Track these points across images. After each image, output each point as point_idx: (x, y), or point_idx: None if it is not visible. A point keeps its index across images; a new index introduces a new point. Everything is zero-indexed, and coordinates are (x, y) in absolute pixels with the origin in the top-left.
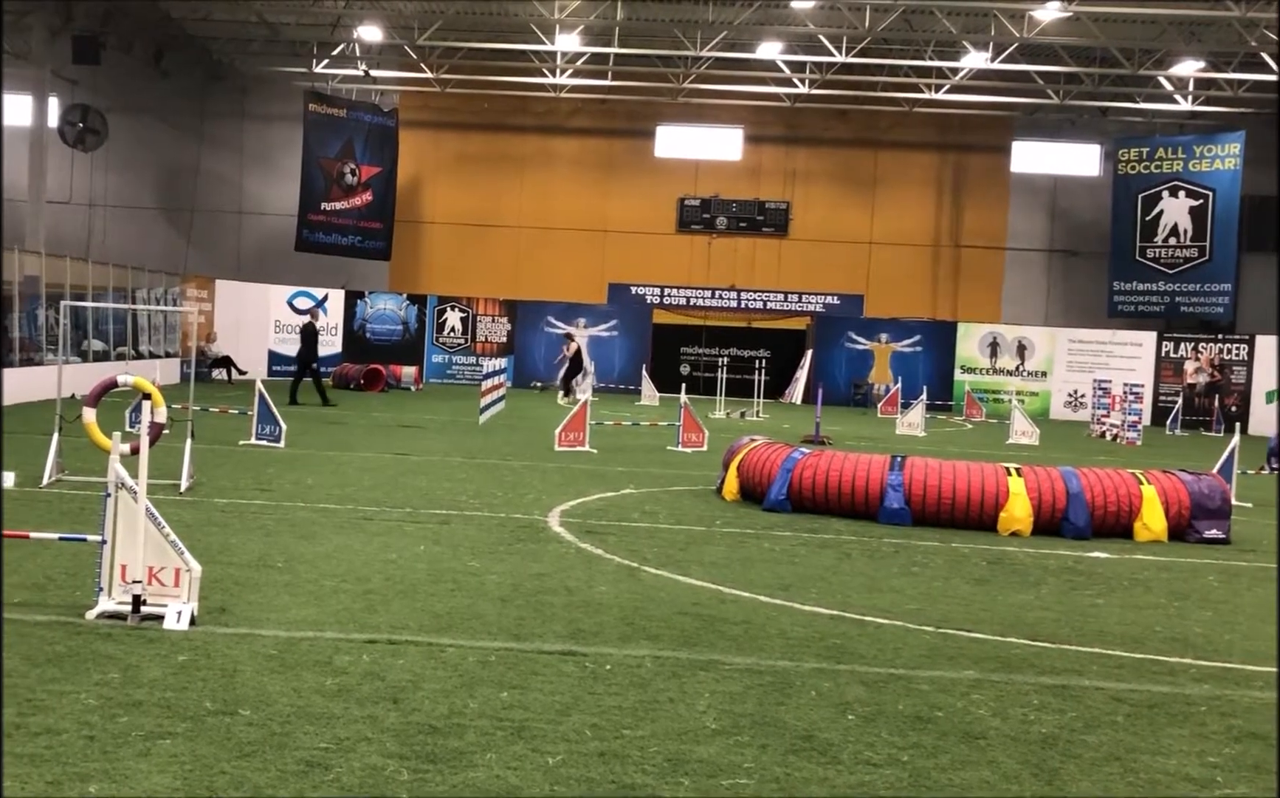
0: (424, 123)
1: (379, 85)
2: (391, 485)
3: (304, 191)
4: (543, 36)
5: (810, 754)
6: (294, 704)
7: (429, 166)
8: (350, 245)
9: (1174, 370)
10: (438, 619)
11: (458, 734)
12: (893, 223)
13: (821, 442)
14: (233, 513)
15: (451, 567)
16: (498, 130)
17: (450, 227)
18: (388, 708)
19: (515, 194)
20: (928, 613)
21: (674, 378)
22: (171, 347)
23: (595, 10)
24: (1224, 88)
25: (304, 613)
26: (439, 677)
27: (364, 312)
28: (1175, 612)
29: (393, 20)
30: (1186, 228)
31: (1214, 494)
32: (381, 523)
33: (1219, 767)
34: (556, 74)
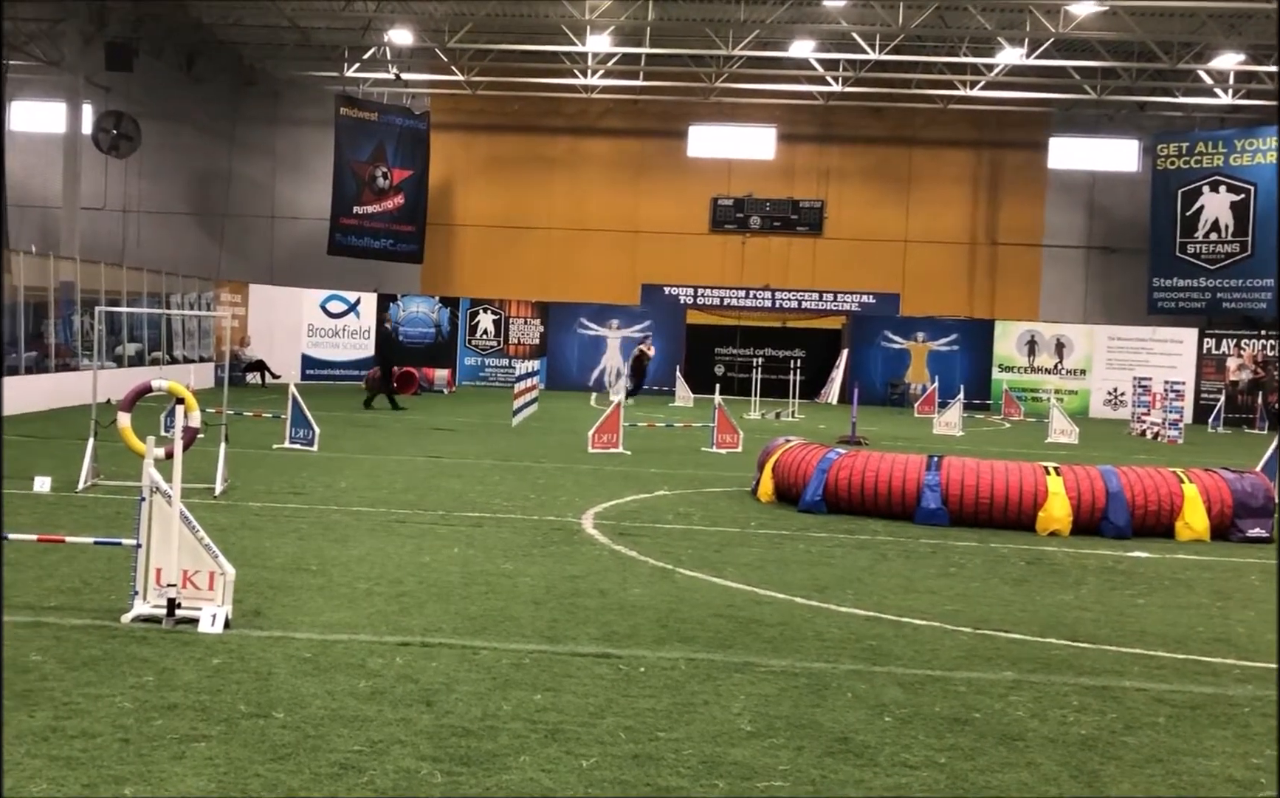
0: (455, 125)
1: (410, 88)
2: (424, 488)
3: (336, 195)
4: (573, 37)
5: (846, 757)
6: (327, 707)
7: (460, 169)
8: (382, 249)
9: (1216, 367)
10: (471, 622)
11: (491, 737)
12: (928, 221)
13: (857, 442)
14: (267, 516)
15: (485, 569)
16: (529, 132)
17: (482, 229)
18: (421, 710)
19: (547, 196)
20: (965, 614)
21: (708, 379)
22: (205, 351)
23: (626, 10)
24: (1264, 81)
25: (337, 616)
26: (472, 679)
27: (396, 315)
28: (1218, 612)
29: (423, 23)
30: (1228, 223)
31: (1257, 492)
32: (414, 526)
33: (1263, 769)
34: (588, 75)
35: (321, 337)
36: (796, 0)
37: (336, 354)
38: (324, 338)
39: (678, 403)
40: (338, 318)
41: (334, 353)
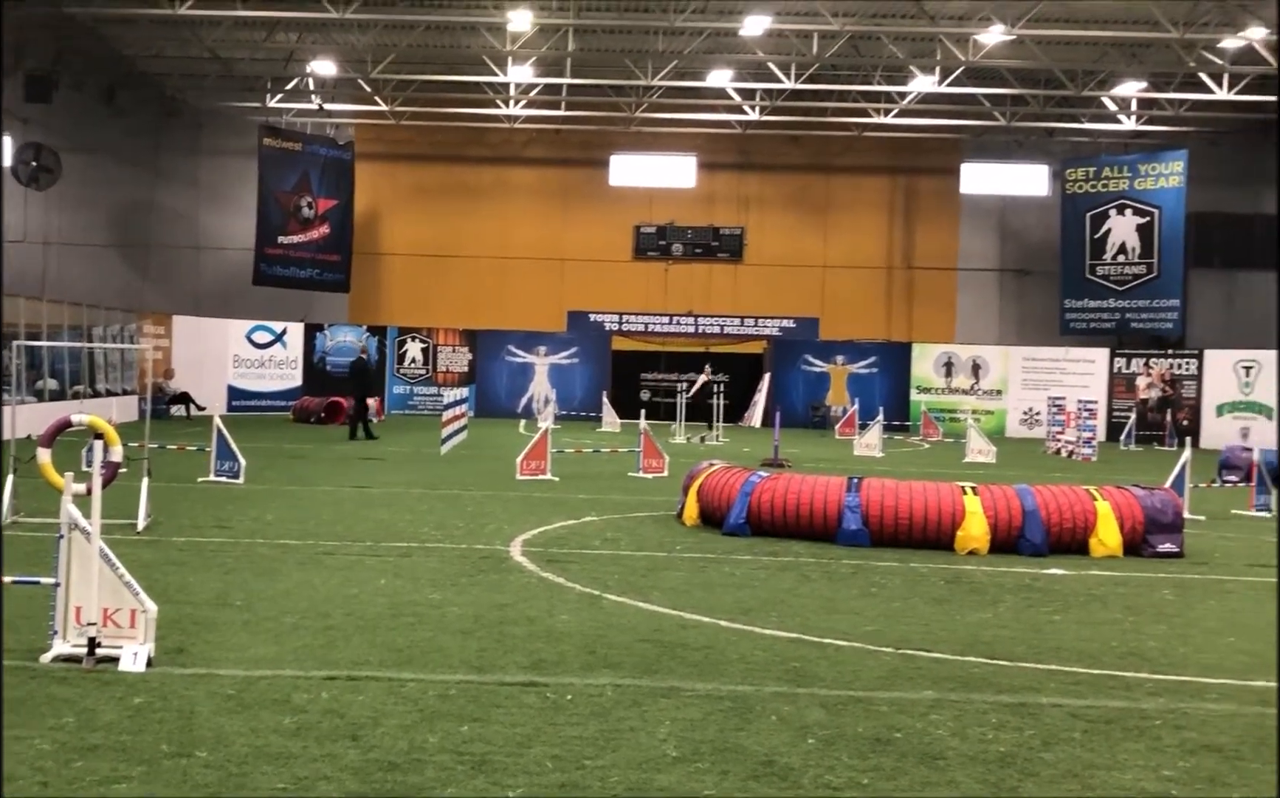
0: (380, 155)
1: (333, 119)
2: (352, 519)
3: (260, 226)
4: (495, 68)
5: (771, 780)
6: (251, 745)
7: (386, 198)
8: (309, 278)
9: (1126, 386)
10: (398, 654)
11: (418, 770)
12: (846, 246)
13: (780, 465)
14: (191, 551)
15: (413, 600)
16: (454, 161)
17: (409, 258)
18: (347, 745)
19: (473, 224)
20: (887, 634)
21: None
22: (129, 384)
23: (547, 41)
24: (1165, 107)
25: (263, 651)
26: (399, 712)
27: (324, 344)
28: (1131, 626)
29: (346, 54)
30: (1134, 245)
31: (1167, 509)
32: (342, 558)
33: (1174, 780)
34: (510, 105)
35: (248, 367)
36: (714, 31)
37: (263, 385)
38: (250, 369)
39: (605, 428)
40: (264, 348)
41: (260, 384)
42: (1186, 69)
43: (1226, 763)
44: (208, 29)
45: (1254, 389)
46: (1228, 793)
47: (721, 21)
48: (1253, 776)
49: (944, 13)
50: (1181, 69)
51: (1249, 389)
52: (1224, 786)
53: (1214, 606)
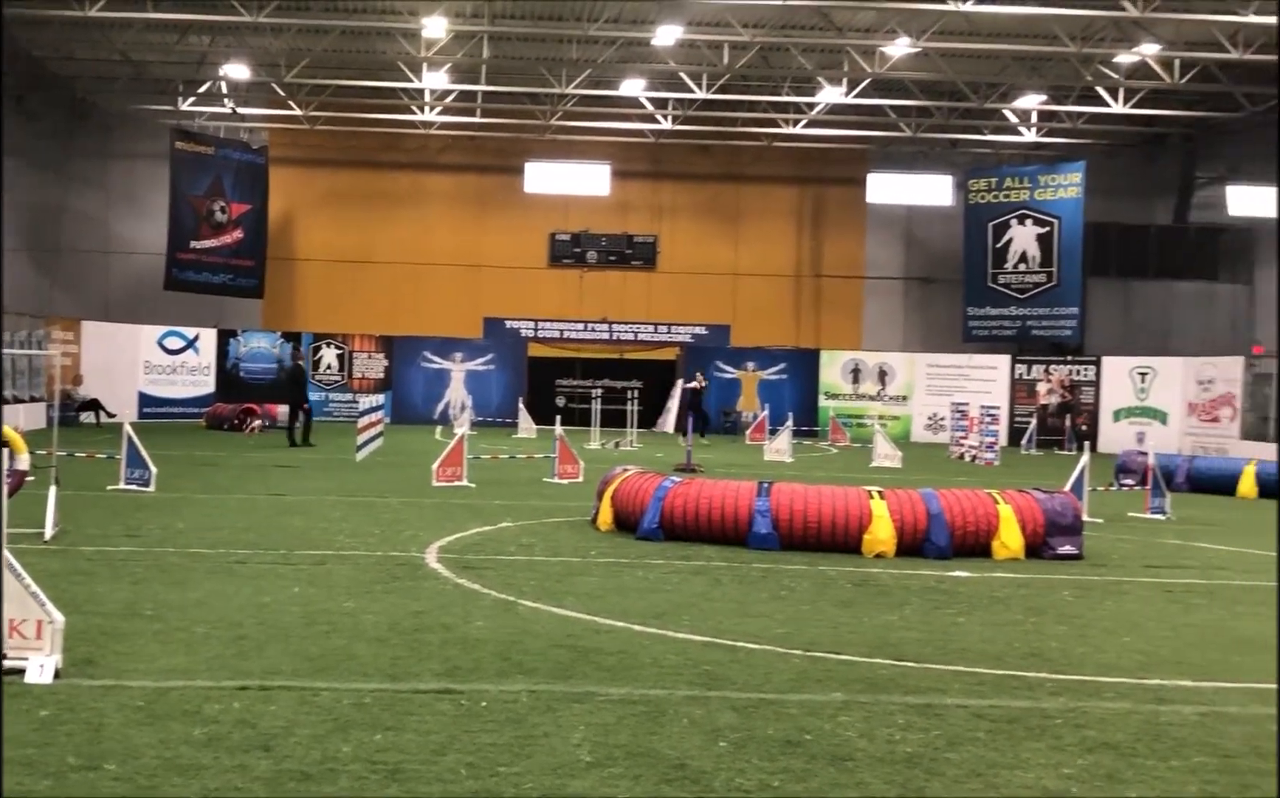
0: (294, 160)
1: (247, 123)
2: (266, 527)
3: (172, 230)
4: (411, 74)
5: (683, 783)
6: (161, 757)
7: (301, 204)
8: (222, 284)
9: (1027, 392)
10: (312, 663)
11: (331, 780)
12: (757, 254)
13: (692, 470)
14: (100, 561)
15: (326, 608)
16: (370, 167)
17: (324, 264)
18: (259, 756)
19: (389, 230)
20: (796, 637)
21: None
22: (37, 391)
23: (462, 48)
24: (1064, 120)
25: (173, 661)
26: (312, 722)
27: (237, 350)
28: (1032, 627)
29: (259, 58)
30: (1035, 254)
31: (1067, 511)
32: (255, 566)
33: (1074, 778)
34: (426, 111)
35: (159, 374)
36: (627, 40)
37: (175, 392)
38: (162, 375)
39: (521, 434)
40: (176, 354)
41: (172, 390)
42: (1084, 83)
43: (1123, 760)
44: (119, 31)
45: (1149, 395)
46: (1124, 789)
47: (634, 31)
48: (1147, 771)
49: (851, 25)
50: (1079, 83)
51: (1144, 395)
52: (1120, 782)
53: (1111, 606)
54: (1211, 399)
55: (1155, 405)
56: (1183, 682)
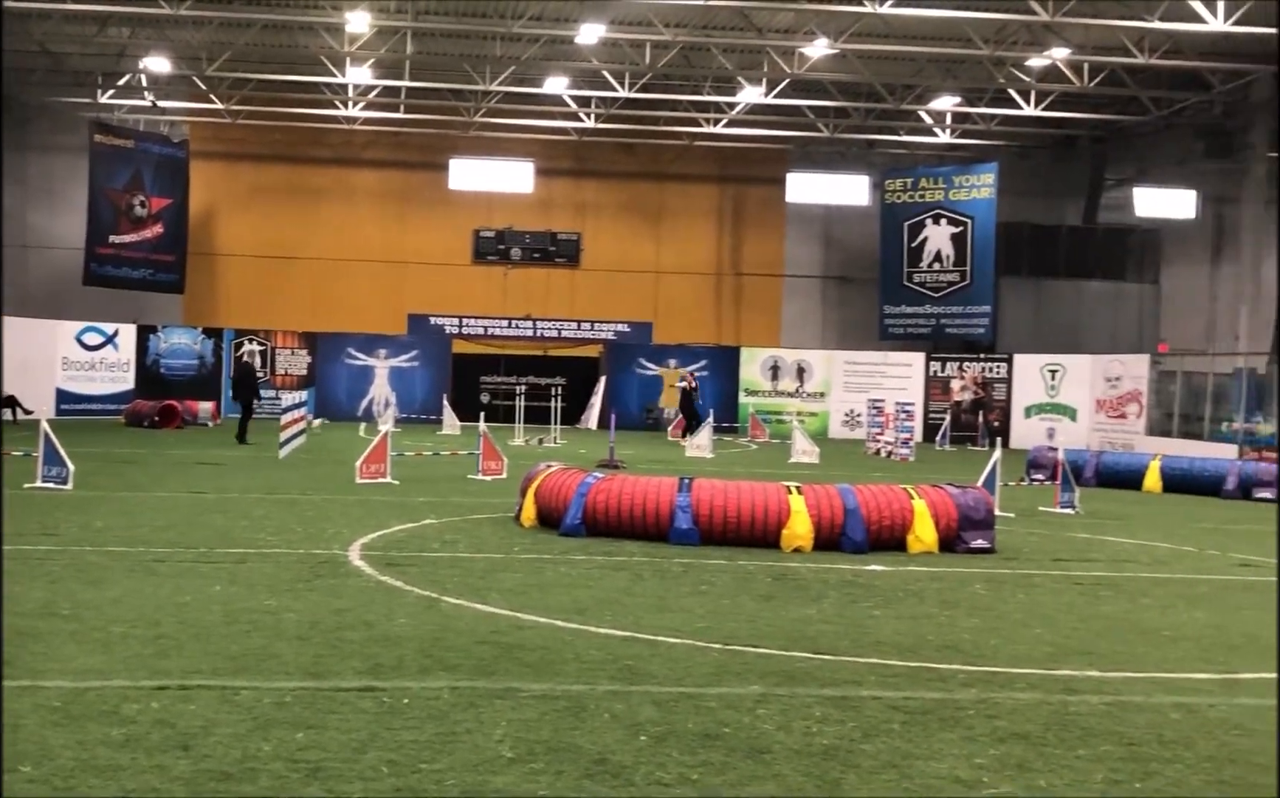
0: (216, 154)
1: (168, 116)
2: (186, 525)
3: (91, 224)
4: (334, 69)
5: (604, 778)
6: (78, 758)
7: (223, 198)
8: (142, 279)
9: (941, 389)
10: (232, 662)
11: (250, 779)
12: (678, 253)
13: (615, 466)
14: (16, 560)
15: (247, 607)
16: (293, 162)
17: (247, 259)
18: (178, 756)
19: (313, 226)
20: (716, 630)
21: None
22: None
23: (386, 43)
24: (977, 122)
25: (91, 661)
26: (232, 721)
27: (157, 347)
28: (946, 620)
29: (180, 51)
30: (949, 254)
31: (979, 506)
32: (175, 565)
33: (986, 768)
34: (349, 106)
35: (77, 370)
36: (550, 38)
37: (94, 388)
38: (80, 371)
39: (445, 431)
40: (95, 350)
41: (91, 387)
42: (997, 85)
43: (1033, 749)
44: (37, 22)
45: (1059, 392)
46: (1034, 779)
47: (558, 29)
48: (1056, 760)
49: (771, 26)
50: (992, 85)
51: (1054, 392)
52: (1030, 771)
53: (1022, 599)
54: (1119, 396)
55: (1065, 402)
56: (1090, 672)
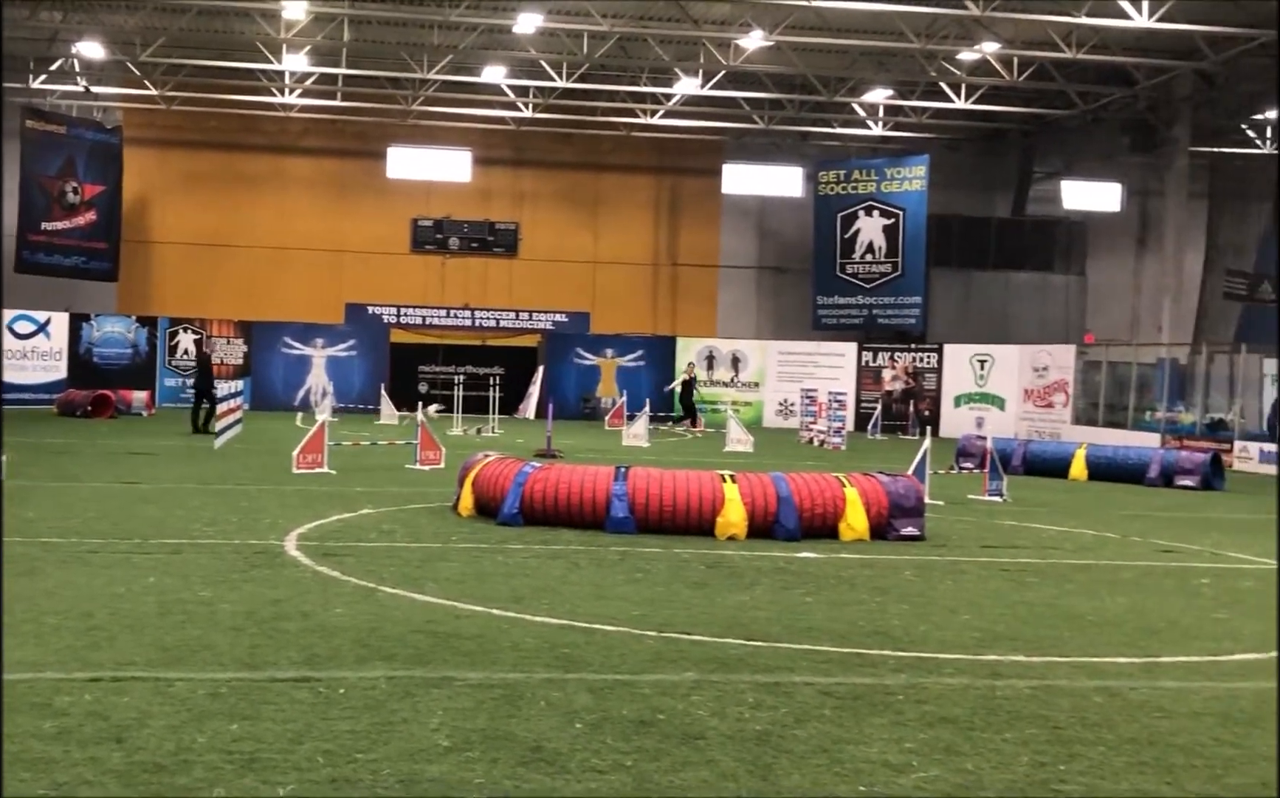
0: (150, 140)
1: (101, 102)
2: (120, 516)
3: (22, 211)
4: (270, 55)
5: (539, 765)
6: (9, 751)
7: (157, 185)
8: (74, 266)
9: (873, 378)
10: (166, 653)
11: (185, 771)
12: (616, 243)
13: (553, 455)
14: None
15: (182, 598)
16: (228, 149)
17: (181, 247)
18: (111, 748)
19: (249, 214)
20: (651, 618)
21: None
22: None
23: (322, 30)
24: (909, 115)
25: (21, 654)
26: (166, 712)
27: (90, 335)
28: (876, 607)
29: (113, 36)
30: (881, 245)
31: (910, 494)
32: (108, 556)
33: (915, 752)
34: (286, 93)
35: (9, 359)
36: (488, 27)
37: (25, 377)
38: (11, 360)
39: (383, 421)
40: (26, 339)
41: (22, 376)
42: (928, 79)
43: (961, 734)
44: None
45: (988, 381)
46: (962, 762)
47: (495, 18)
48: (984, 744)
49: (707, 17)
50: (924, 78)
51: (983, 381)
52: (958, 754)
53: (950, 585)
54: (1046, 386)
55: (993, 392)
56: (1017, 657)
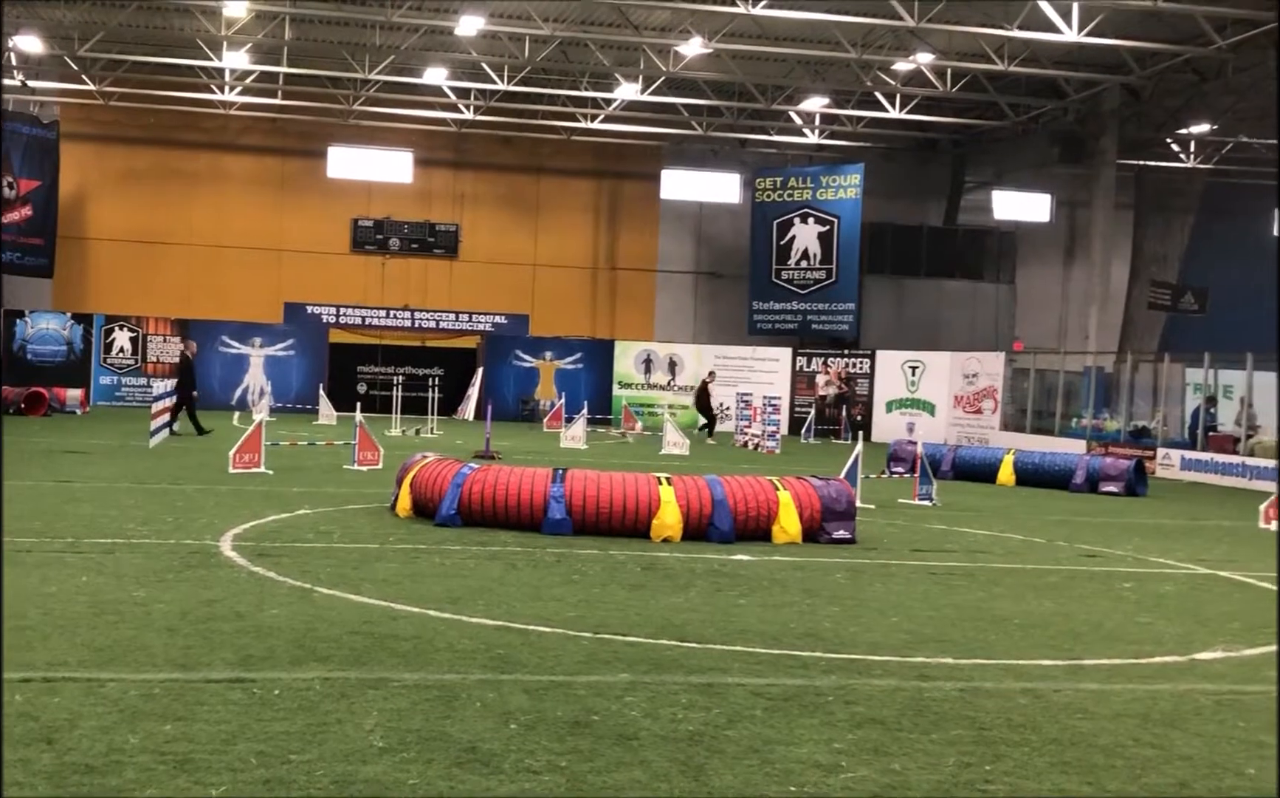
0: (88, 136)
1: (38, 96)
2: (53, 515)
3: None
4: (210, 52)
5: (474, 766)
6: None
7: (94, 181)
8: (9, 262)
9: (807, 383)
10: (99, 653)
11: (116, 772)
12: (555, 246)
13: (491, 456)
14: None
15: (115, 598)
16: (167, 146)
17: (119, 243)
18: (41, 749)
19: (187, 211)
20: (587, 619)
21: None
22: None
23: (263, 28)
24: (845, 123)
25: None
26: (98, 713)
27: (24, 332)
28: (808, 608)
29: (51, 30)
30: (816, 252)
31: (841, 498)
32: (41, 554)
33: (844, 752)
34: (226, 91)
35: None
36: (430, 29)
37: None
38: None
39: (321, 421)
40: None
41: None
42: (864, 88)
43: (889, 734)
44: None
45: (919, 387)
46: (889, 762)
47: (437, 20)
48: (911, 744)
49: (647, 23)
50: (859, 88)
51: (915, 387)
52: (886, 755)
53: (881, 588)
54: (975, 392)
55: (924, 397)
56: (945, 659)
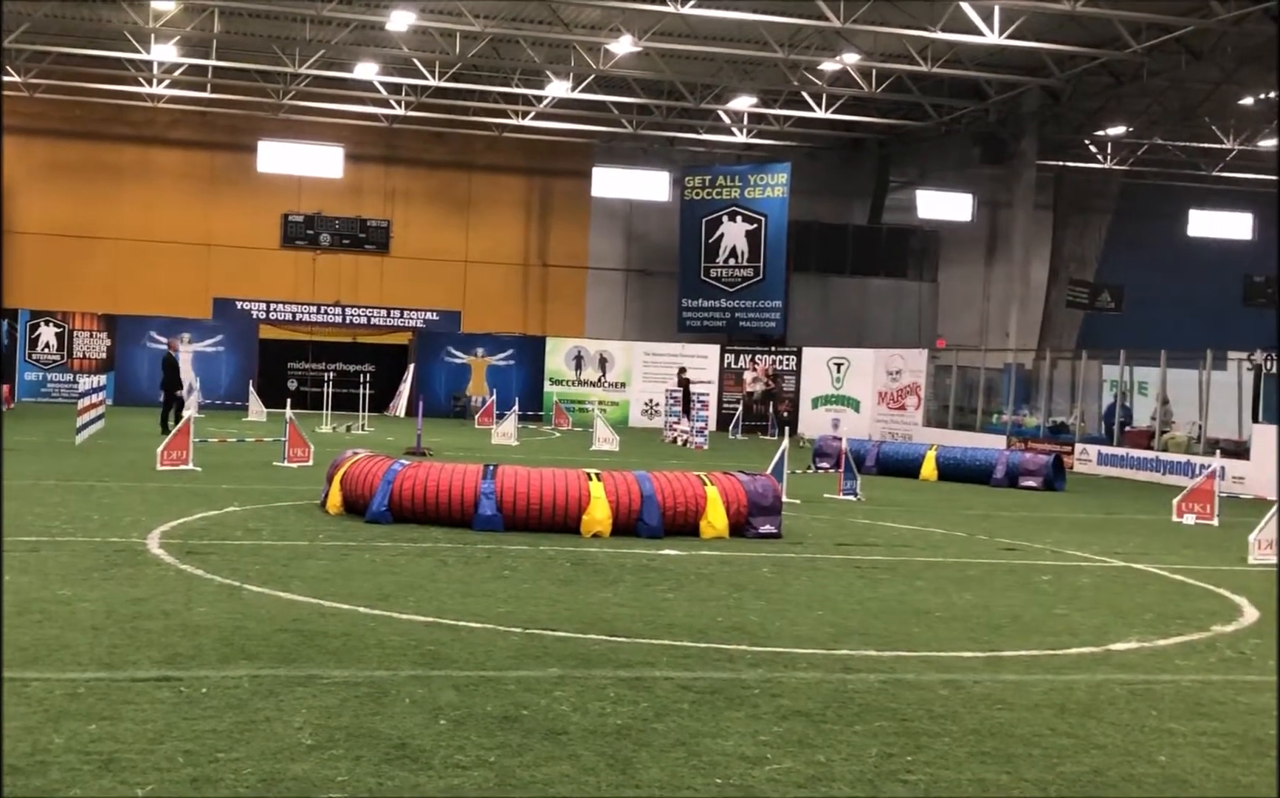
0: (12, 128)
1: None
2: None
3: None
4: (138, 45)
5: (403, 762)
6: None
7: (18, 175)
8: None
9: (735, 380)
10: (23, 653)
11: (41, 772)
12: (487, 242)
13: (422, 453)
14: None
15: (40, 597)
16: (94, 139)
17: (43, 238)
18: None
19: (114, 205)
20: (517, 615)
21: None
22: None
23: (192, 21)
24: (772, 122)
25: None
26: (22, 714)
27: None
28: (735, 602)
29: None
30: (743, 250)
31: (768, 493)
32: None
33: (770, 745)
34: (154, 84)
35: None
36: (361, 23)
37: None
38: None
39: (251, 417)
40: None
41: None
42: (791, 88)
43: (814, 726)
44: None
45: (844, 384)
46: (814, 754)
47: (368, 14)
48: (835, 736)
49: (578, 21)
50: (787, 87)
51: (840, 384)
52: (811, 746)
53: (806, 582)
54: (899, 388)
55: (849, 394)
56: (868, 652)
